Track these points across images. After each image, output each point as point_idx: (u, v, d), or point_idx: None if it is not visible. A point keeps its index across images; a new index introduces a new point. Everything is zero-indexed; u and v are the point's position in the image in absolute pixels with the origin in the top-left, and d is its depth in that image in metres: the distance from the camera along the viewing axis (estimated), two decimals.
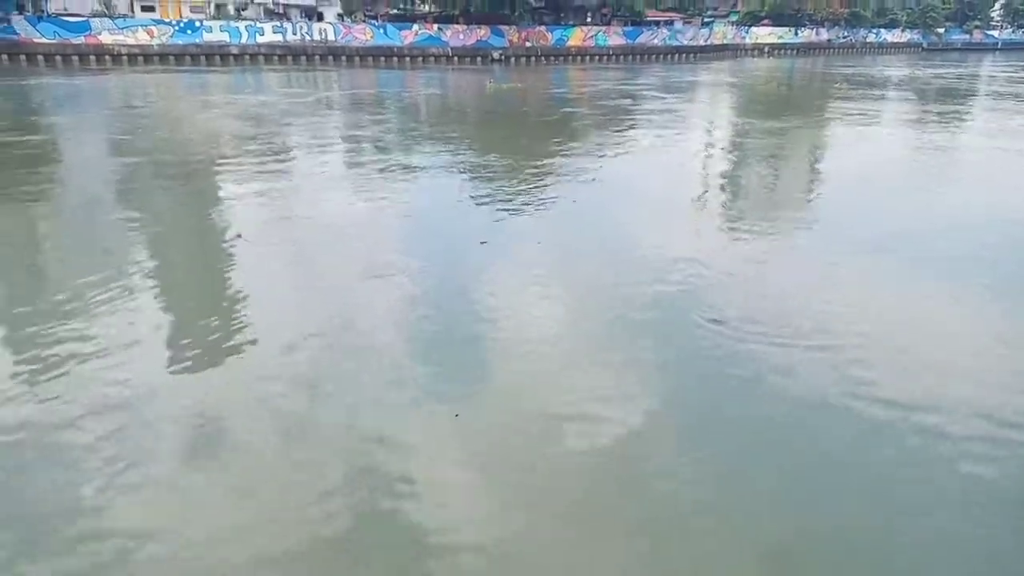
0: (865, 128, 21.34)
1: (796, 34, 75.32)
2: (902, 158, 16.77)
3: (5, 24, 42.66)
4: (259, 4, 63.76)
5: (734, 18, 79.39)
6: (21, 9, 45.83)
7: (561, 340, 6.56)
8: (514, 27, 55.42)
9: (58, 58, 42.85)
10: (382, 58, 50.36)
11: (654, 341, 6.52)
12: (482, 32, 54.39)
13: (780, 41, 73.92)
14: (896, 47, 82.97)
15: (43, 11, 47.42)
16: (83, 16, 46.13)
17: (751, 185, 13.80)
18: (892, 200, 12.22)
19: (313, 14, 66.57)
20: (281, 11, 67.57)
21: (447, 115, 26.09)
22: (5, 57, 41.88)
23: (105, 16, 47.28)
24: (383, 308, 7.17)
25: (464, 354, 6.26)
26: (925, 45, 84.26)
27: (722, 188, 13.38)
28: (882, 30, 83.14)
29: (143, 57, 45.01)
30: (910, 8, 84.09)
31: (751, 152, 17.16)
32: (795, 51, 73.59)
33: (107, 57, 44.18)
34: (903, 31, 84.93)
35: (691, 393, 5.72)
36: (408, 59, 51.03)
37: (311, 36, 49.54)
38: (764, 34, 73.85)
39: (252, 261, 8.71)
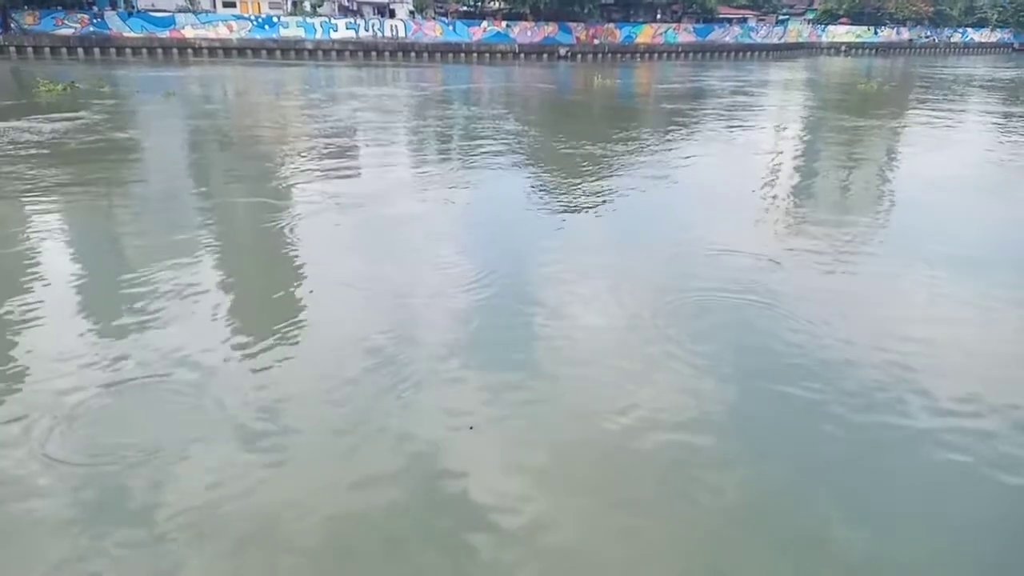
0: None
1: (875, 33, 72.42)
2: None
3: (99, 20, 45.02)
4: (334, 1, 65.29)
5: (810, 16, 76.97)
6: (113, 5, 48.27)
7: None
8: (582, 24, 55.17)
9: (144, 51, 44.93)
10: (450, 54, 50.88)
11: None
12: (550, 29, 54.34)
13: (858, 40, 71.18)
14: (984, 47, 78.80)
15: (132, 7, 49.81)
16: (168, 12, 48.22)
17: (863, 195, 12.87)
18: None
19: (385, 11, 67.77)
20: (355, 8, 69.06)
21: (568, 108, 26.18)
22: (97, 51, 44.18)
23: (189, 12, 49.27)
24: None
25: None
26: (1016, 45, 79.83)
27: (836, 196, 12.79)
28: (969, 29, 79.21)
29: (223, 51, 46.77)
30: (1002, 6, 79.81)
31: (870, 159, 16.06)
32: (874, 51, 70.69)
33: (189, 51, 46.11)
34: (992, 30, 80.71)
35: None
36: (476, 55, 51.41)
37: (383, 32, 50.49)
38: (841, 33, 71.27)
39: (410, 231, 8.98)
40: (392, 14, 65.81)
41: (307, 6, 58.24)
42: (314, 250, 8.68)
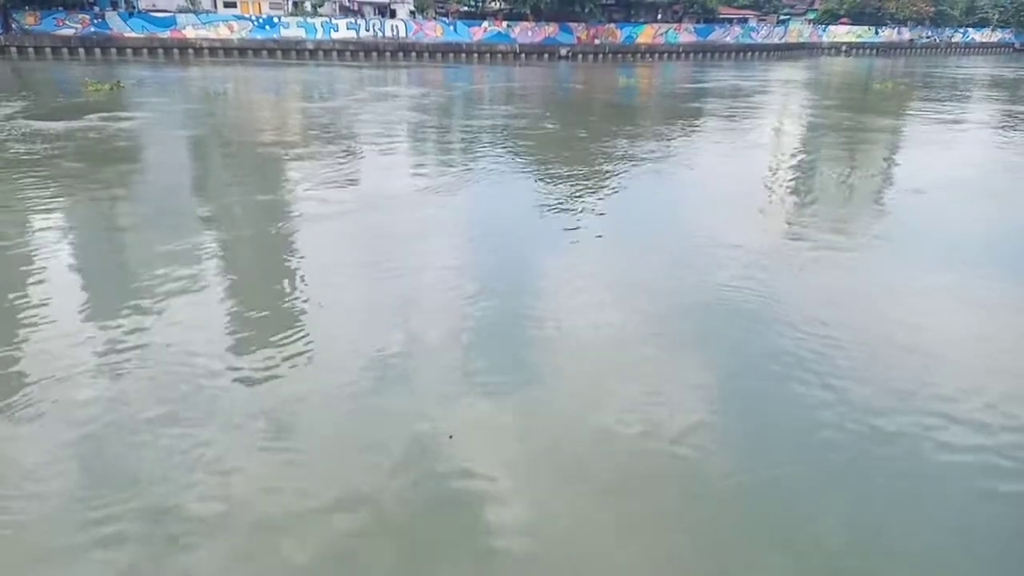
0: None
1: (876, 33, 72.35)
2: None
3: (100, 20, 45.00)
4: (334, 1, 65.31)
5: (811, 16, 76.91)
6: (114, 6, 48.29)
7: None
8: (583, 24, 55.12)
9: (145, 51, 44.86)
10: (451, 54, 50.79)
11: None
12: (550, 29, 54.26)
13: (859, 40, 71.09)
14: (985, 47, 78.67)
15: (133, 7, 49.82)
16: (169, 12, 48.18)
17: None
18: None
19: (386, 11, 67.75)
20: (355, 8, 69.07)
21: (600, 107, 26.36)
22: (98, 51, 44.15)
23: (190, 12, 49.24)
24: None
25: None
26: (1017, 45, 79.71)
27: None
28: (970, 29, 79.10)
29: (223, 51, 46.71)
30: (1003, 6, 79.71)
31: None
32: (875, 51, 70.62)
33: (190, 51, 46.04)
34: (993, 30, 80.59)
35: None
36: (476, 55, 51.32)
37: (383, 33, 50.42)
38: (842, 33, 71.18)
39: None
40: (393, 14, 65.79)
41: (308, 6, 58.28)
42: (345, 248, 8.74)
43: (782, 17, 75.00)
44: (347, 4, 68.88)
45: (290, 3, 59.21)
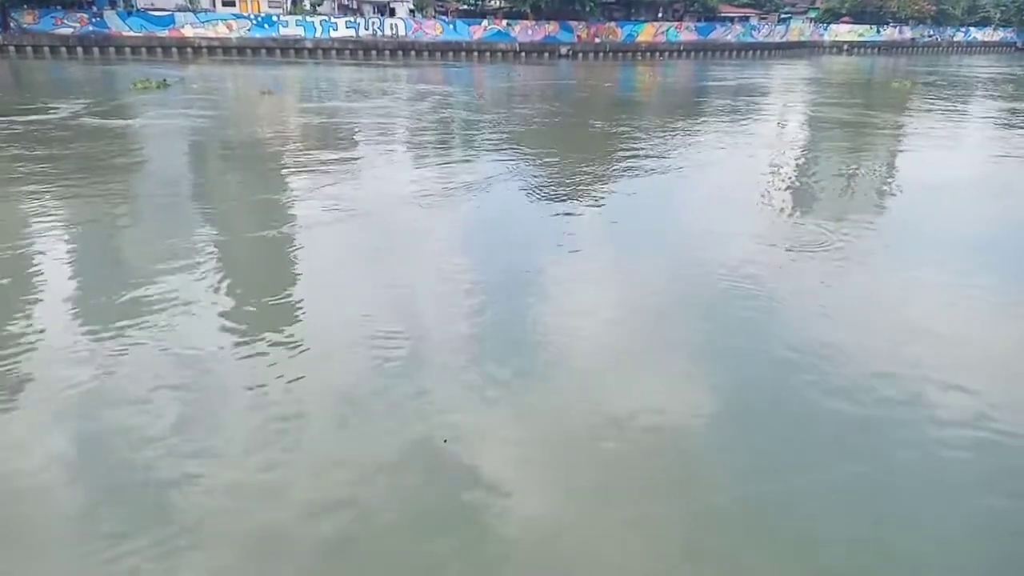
0: None
1: (878, 32, 72.19)
2: None
3: (98, 19, 44.89)
4: (333, 0, 65.21)
5: (813, 15, 76.76)
6: (112, 4, 48.20)
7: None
8: (583, 23, 54.98)
9: (144, 50, 44.74)
10: (450, 53, 50.65)
11: None
12: (550, 28, 54.12)
13: (860, 39, 70.92)
14: (987, 46, 78.48)
15: (132, 6, 49.69)
16: (168, 11, 48.03)
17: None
18: None
19: (385, 9, 67.62)
20: (355, 7, 68.97)
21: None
22: (96, 50, 44.04)
23: (188, 11, 49.10)
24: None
25: None
26: (1019, 44, 79.54)
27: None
28: (972, 28, 78.93)
29: (222, 50, 46.57)
30: (1004, 5, 79.55)
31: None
32: (876, 49, 70.44)
33: (189, 50, 45.90)
34: (995, 29, 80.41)
35: None
36: (476, 54, 51.17)
37: (383, 31, 50.27)
38: (844, 31, 71.03)
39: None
40: (392, 13, 65.65)
41: (306, 5, 58.17)
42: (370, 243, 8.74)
43: (783, 16, 74.90)
44: (346, 2, 68.79)
45: (289, 1, 59.08)
